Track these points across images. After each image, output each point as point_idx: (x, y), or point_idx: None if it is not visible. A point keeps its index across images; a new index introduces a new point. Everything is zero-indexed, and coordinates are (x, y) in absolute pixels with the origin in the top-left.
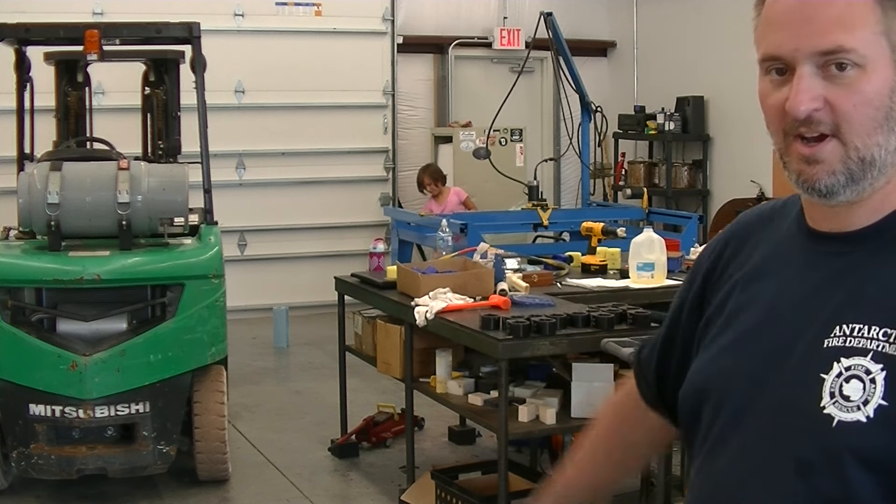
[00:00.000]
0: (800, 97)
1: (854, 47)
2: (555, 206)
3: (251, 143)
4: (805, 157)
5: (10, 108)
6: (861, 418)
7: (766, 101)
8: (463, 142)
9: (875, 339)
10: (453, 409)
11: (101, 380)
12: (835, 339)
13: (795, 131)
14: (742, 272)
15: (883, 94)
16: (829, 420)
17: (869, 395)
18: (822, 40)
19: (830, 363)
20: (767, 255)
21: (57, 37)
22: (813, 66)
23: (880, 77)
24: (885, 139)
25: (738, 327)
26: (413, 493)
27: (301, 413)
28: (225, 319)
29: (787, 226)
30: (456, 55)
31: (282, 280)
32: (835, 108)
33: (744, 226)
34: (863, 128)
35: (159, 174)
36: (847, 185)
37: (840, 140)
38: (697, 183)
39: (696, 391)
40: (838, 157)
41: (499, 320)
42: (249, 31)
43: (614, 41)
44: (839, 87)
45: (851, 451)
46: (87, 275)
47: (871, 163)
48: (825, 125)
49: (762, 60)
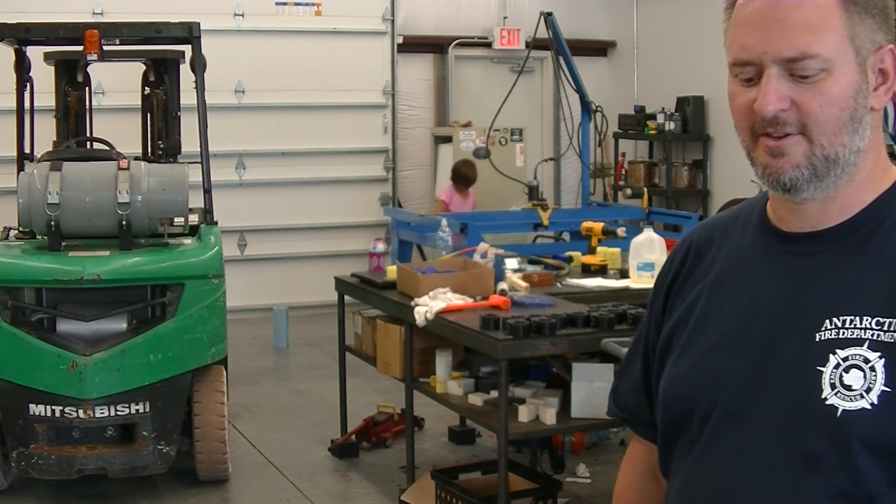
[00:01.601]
0: (768, 98)
1: (818, 52)
2: (555, 206)
3: (251, 143)
4: (771, 149)
5: (10, 108)
6: (866, 406)
7: (735, 100)
8: (463, 142)
9: (869, 329)
10: (453, 409)
11: (101, 380)
12: (827, 333)
13: (763, 130)
14: (707, 279)
15: (848, 95)
16: (833, 411)
17: (871, 382)
18: (789, 47)
19: (826, 356)
20: (733, 260)
21: (57, 37)
22: (780, 69)
23: (846, 79)
24: (850, 139)
25: (716, 331)
26: (413, 493)
27: (301, 413)
28: (225, 319)
29: (750, 229)
30: (456, 55)
31: (282, 280)
32: (801, 108)
33: (705, 233)
34: (828, 127)
35: (159, 174)
36: (810, 180)
37: (806, 137)
38: (697, 183)
39: (681, 398)
40: (802, 153)
41: (499, 320)
42: (249, 31)
43: (614, 41)
44: (805, 88)
45: (859, 440)
46: (87, 275)
47: (835, 161)
48: (791, 125)
49: (732, 65)
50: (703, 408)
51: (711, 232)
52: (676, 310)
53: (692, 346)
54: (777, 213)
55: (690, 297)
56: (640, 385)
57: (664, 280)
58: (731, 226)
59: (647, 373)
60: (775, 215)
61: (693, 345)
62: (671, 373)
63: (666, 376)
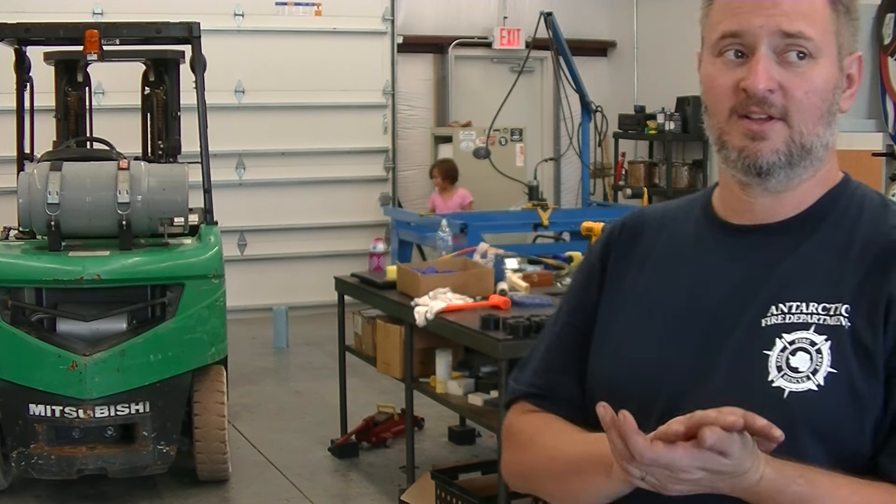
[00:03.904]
0: (760, 76)
1: (813, 37)
2: (555, 205)
3: (251, 143)
4: (753, 132)
5: (10, 108)
6: (812, 387)
7: (717, 81)
8: (463, 142)
9: (815, 314)
10: (453, 409)
11: (101, 380)
12: (773, 318)
13: (745, 110)
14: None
15: (829, 88)
16: (780, 392)
17: (817, 364)
18: (788, 23)
19: (773, 340)
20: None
21: (57, 37)
22: (771, 51)
23: (828, 71)
24: (824, 131)
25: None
26: (413, 493)
27: (301, 413)
28: (225, 319)
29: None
30: (456, 55)
31: (282, 280)
32: (787, 93)
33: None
34: (809, 116)
35: (159, 174)
36: (784, 166)
37: (787, 123)
38: (697, 183)
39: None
40: (783, 139)
41: (499, 320)
42: (249, 31)
43: (614, 41)
44: (793, 74)
45: (804, 420)
46: (87, 275)
47: (809, 150)
48: (776, 108)
49: (721, 38)
50: (648, 395)
51: (649, 219)
52: (611, 293)
53: (637, 333)
54: (728, 205)
55: (628, 281)
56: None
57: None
58: (670, 216)
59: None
60: (725, 208)
61: (638, 332)
62: (614, 357)
63: (606, 360)
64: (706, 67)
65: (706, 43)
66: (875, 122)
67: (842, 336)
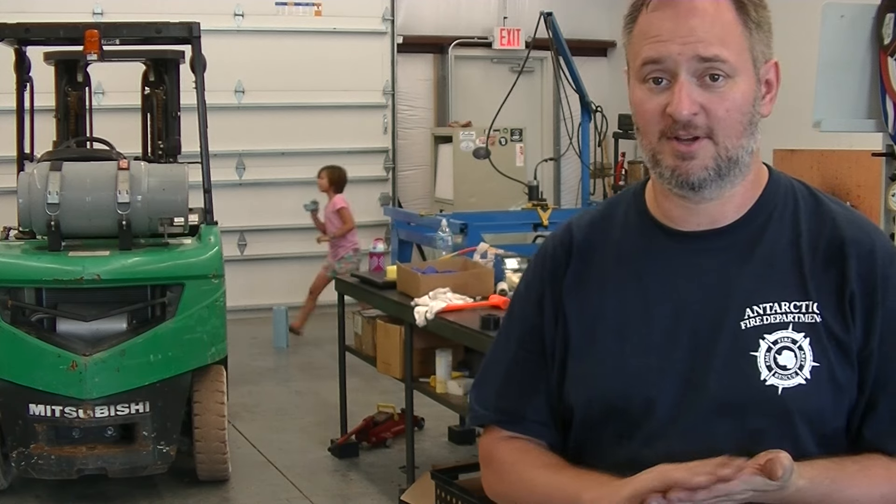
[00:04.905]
0: (683, 102)
1: (728, 59)
2: (555, 205)
3: (251, 143)
4: (682, 153)
5: (10, 108)
6: (801, 381)
7: (644, 106)
8: (463, 142)
9: (790, 313)
10: (453, 409)
11: (101, 380)
12: (751, 321)
13: (674, 133)
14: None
15: (748, 102)
16: (775, 390)
17: (802, 360)
18: (704, 48)
19: (756, 341)
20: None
21: (57, 37)
22: (691, 75)
23: (746, 86)
24: (747, 141)
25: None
26: (413, 493)
27: (301, 413)
28: (225, 319)
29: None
30: (456, 55)
31: (282, 280)
32: (710, 112)
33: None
34: (732, 130)
35: (159, 174)
36: (715, 179)
37: (713, 141)
38: None
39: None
40: (710, 155)
41: (499, 320)
42: (249, 31)
43: (614, 41)
44: (714, 94)
45: (798, 412)
46: (87, 275)
47: (736, 161)
48: (700, 129)
49: (643, 65)
50: (639, 406)
51: (588, 233)
52: (573, 313)
53: (613, 349)
54: (670, 213)
55: (589, 300)
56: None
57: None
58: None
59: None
60: (666, 215)
61: (614, 348)
62: (590, 374)
63: (583, 377)
64: (634, 92)
65: (631, 68)
66: (875, 122)
67: (818, 331)
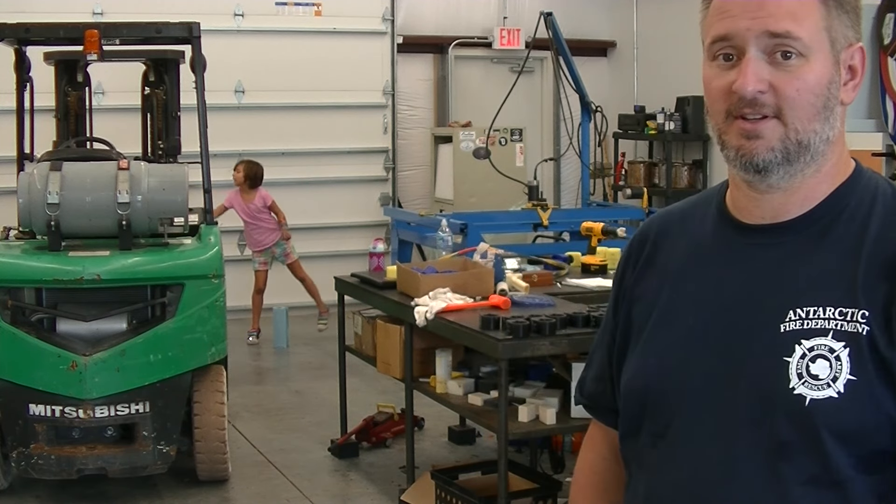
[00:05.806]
0: (748, 78)
1: (801, 36)
2: (555, 206)
3: (251, 143)
4: (747, 131)
5: (10, 108)
6: (832, 394)
7: (712, 83)
8: (463, 142)
9: (833, 319)
10: (453, 409)
11: (101, 380)
12: (791, 323)
13: (739, 111)
14: (669, 270)
15: (822, 84)
16: (802, 400)
17: (836, 372)
18: (775, 23)
19: (792, 346)
20: (694, 252)
21: (57, 37)
22: (760, 52)
23: (821, 67)
24: (821, 127)
25: (681, 324)
26: (413, 493)
27: (301, 413)
28: (225, 319)
29: (709, 220)
30: (456, 55)
31: (282, 280)
32: (779, 91)
33: (662, 224)
34: (803, 112)
35: (159, 174)
36: (782, 163)
37: (781, 121)
38: (697, 183)
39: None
40: (778, 136)
41: (499, 320)
42: (249, 31)
43: (614, 41)
44: (784, 72)
45: (827, 427)
46: (87, 275)
47: (807, 147)
48: (768, 108)
49: (712, 42)
50: (671, 401)
51: (669, 222)
52: (637, 300)
53: (657, 338)
54: (738, 203)
55: (652, 287)
56: (605, 373)
57: (624, 270)
58: (689, 216)
59: (611, 361)
60: (735, 206)
61: (658, 337)
62: (636, 364)
63: (630, 367)
64: (704, 70)
65: (704, 46)
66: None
67: (860, 343)
